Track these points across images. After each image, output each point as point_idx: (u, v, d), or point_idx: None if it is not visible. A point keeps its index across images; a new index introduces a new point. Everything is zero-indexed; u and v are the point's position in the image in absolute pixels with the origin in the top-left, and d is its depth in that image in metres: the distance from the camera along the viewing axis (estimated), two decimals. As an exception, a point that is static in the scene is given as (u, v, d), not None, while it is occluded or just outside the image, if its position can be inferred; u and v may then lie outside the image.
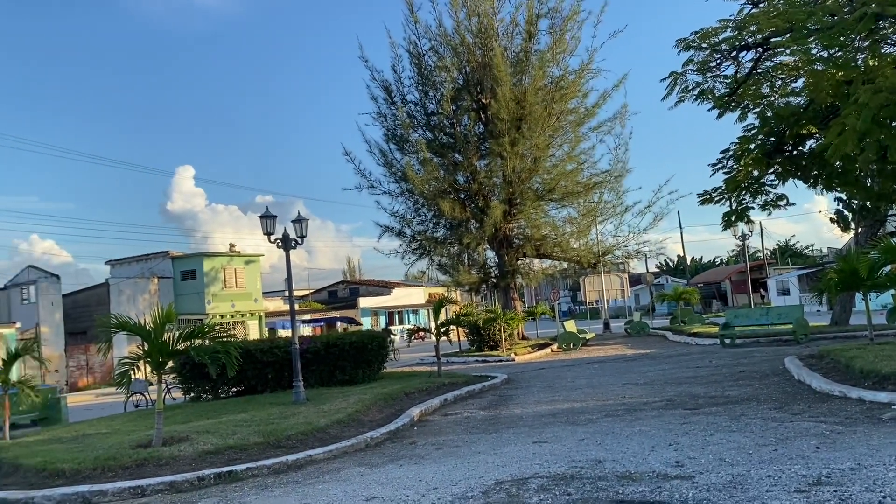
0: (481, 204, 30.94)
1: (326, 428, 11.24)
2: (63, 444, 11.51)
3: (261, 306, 41.90)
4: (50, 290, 32.98)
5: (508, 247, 31.87)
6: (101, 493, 8.28)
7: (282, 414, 12.74)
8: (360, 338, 18.56)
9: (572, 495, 6.46)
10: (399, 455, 9.55)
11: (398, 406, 13.77)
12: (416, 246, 32.90)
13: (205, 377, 16.80)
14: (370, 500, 7.03)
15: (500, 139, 28.79)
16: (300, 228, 16.60)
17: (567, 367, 21.19)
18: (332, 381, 17.74)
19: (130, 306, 34.18)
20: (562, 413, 12.03)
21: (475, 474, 7.77)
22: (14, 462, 10.11)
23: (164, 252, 39.81)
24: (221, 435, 10.74)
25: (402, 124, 31.11)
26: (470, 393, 16.08)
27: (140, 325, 10.89)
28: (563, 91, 30.26)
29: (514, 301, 32.80)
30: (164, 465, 9.25)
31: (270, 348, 18.00)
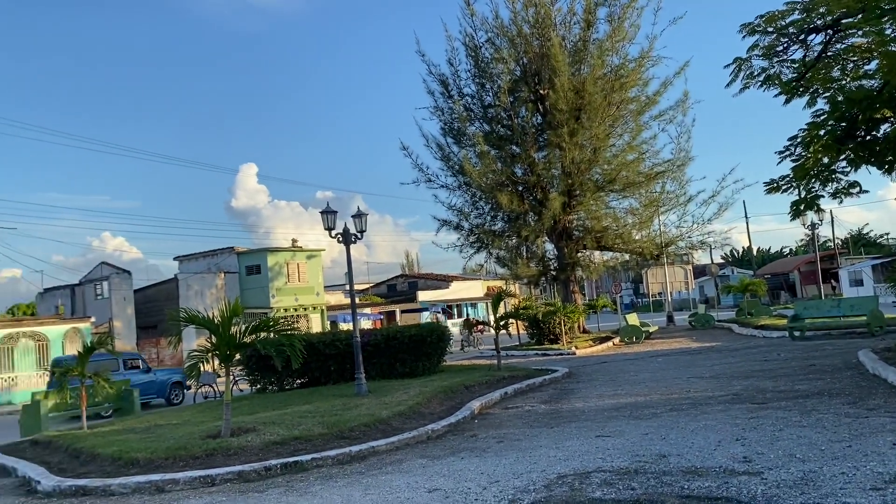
0: (540, 196, 30.71)
1: (388, 420, 11.36)
2: (136, 434, 11.95)
3: (322, 300, 42.60)
4: (122, 286, 34.23)
5: (568, 239, 31.56)
6: (173, 481, 8.57)
7: (344, 405, 12.94)
8: (419, 331, 18.69)
9: (636, 490, 6.38)
10: (460, 447, 9.59)
11: (458, 399, 13.81)
12: (474, 239, 32.89)
13: (270, 369, 17.22)
14: (433, 492, 7.08)
15: (559, 130, 28.51)
16: (360, 223, 16.80)
17: (630, 361, 20.89)
18: (393, 373, 17.93)
19: (198, 301, 35.22)
20: (625, 407, 11.87)
21: (537, 468, 7.74)
22: (92, 451, 10.56)
23: (229, 248, 40.84)
24: (287, 426, 10.97)
25: (459, 117, 31.11)
26: (530, 386, 16.02)
27: (208, 318, 11.21)
28: (622, 80, 29.74)
29: (575, 294, 32.49)
30: (232, 455, 9.51)
31: (332, 341, 18.30)
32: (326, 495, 7.41)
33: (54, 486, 8.96)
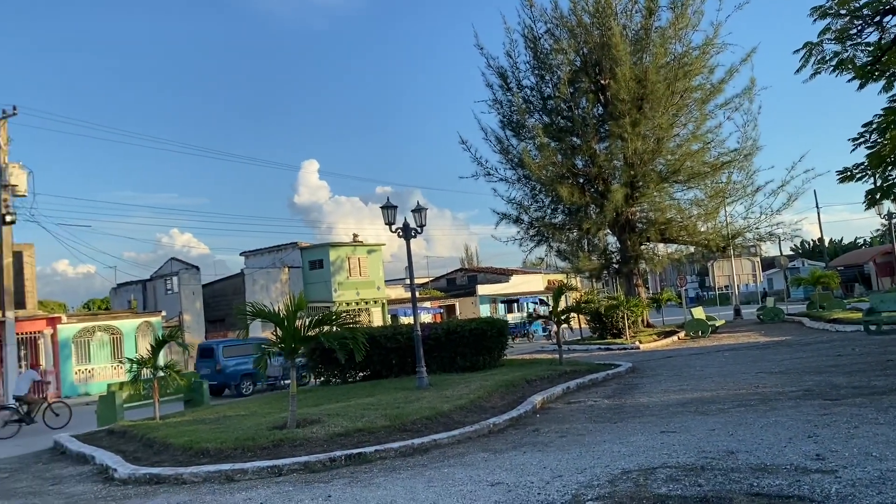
0: (601, 188, 30.29)
1: (450, 413, 11.41)
2: (206, 424, 12.31)
3: (383, 294, 43.02)
4: (191, 281, 35.26)
5: (631, 231, 31.05)
6: (241, 471, 8.80)
7: (406, 398, 13.05)
8: (479, 325, 18.68)
9: (703, 486, 6.24)
10: (522, 442, 9.56)
11: (520, 393, 13.76)
12: (534, 232, 32.68)
13: (333, 362, 17.51)
14: (495, 486, 7.08)
15: (621, 120, 28.05)
16: (419, 218, 16.87)
17: (695, 356, 20.45)
18: (453, 367, 17.98)
19: (264, 295, 36.01)
20: (690, 402, 11.63)
21: (600, 463, 7.65)
22: (164, 441, 10.93)
23: (293, 243, 41.62)
24: (350, 418, 11.13)
25: (518, 110, 30.92)
26: (593, 381, 15.84)
27: (274, 312, 11.45)
28: (686, 68, 29.03)
29: (638, 287, 31.97)
30: (298, 446, 9.70)
31: (394, 335, 18.47)
32: (390, 487, 7.49)
33: (130, 474, 9.31)
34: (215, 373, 23.15)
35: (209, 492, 8.16)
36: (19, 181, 26.11)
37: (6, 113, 26.27)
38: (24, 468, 11.28)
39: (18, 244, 27.60)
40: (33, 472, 10.87)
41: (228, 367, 23.37)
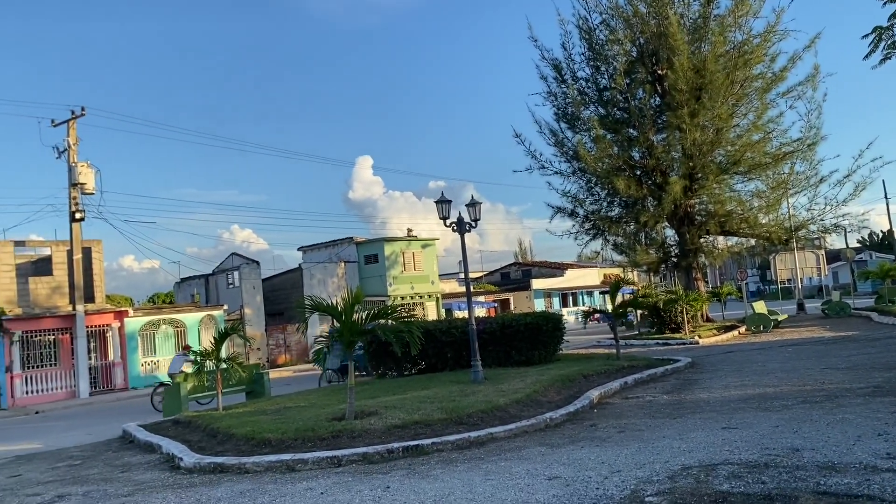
0: (659, 180, 29.76)
1: (506, 407, 11.41)
2: (267, 415, 12.60)
3: (437, 288, 43.20)
4: (251, 275, 36.03)
5: (690, 224, 30.43)
6: (302, 461, 8.98)
7: (462, 392, 13.10)
8: (535, 319, 18.61)
9: (767, 484, 6.11)
10: (579, 437, 9.50)
11: (576, 388, 13.67)
12: (590, 226, 32.32)
13: (390, 355, 17.69)
14: (552, 480, 7.06)
15: (679, 111, 27.49)
16: (473, 212, 16.88)
17: (757, 351, 19.97)
18: (508, 361, 17.95)
19: (321, 289, 36.57)
20: (753, 398, 11.37)
21: (660, 458, 7.56)
22: (227, 431, 11.23)
23: (349, 238, 42.12)
24: (407, 410, 11.24)
25: (573, 102, 30.58)
26: (651, 376, 15.63)
27: (332, 306, 11.64)
28: (746, 56, 28.23)
29: (697, 281, 31.32)
30: (356, 438, 9.85)
31: (449, 328, 18.54)
32: (447, 479, 7.54)
33: (195, 463, 9.60)
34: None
35: (271, 481, 8.36)
36: (88, 179, 27.09)
37: (75, 114, 27.28)
38: (96, 456, 11.74)
39: (87, 240, 28.65)
40: (104, 459, 11.31)
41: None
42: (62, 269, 28.13)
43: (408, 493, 7.07)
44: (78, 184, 26.88)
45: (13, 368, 25.02)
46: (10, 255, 27.18)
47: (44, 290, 27.94)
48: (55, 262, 28.39)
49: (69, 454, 12.16)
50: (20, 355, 25.55)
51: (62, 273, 28.10)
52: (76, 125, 27.38)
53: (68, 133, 27.20)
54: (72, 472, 10.28)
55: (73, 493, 8.73)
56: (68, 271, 27.59)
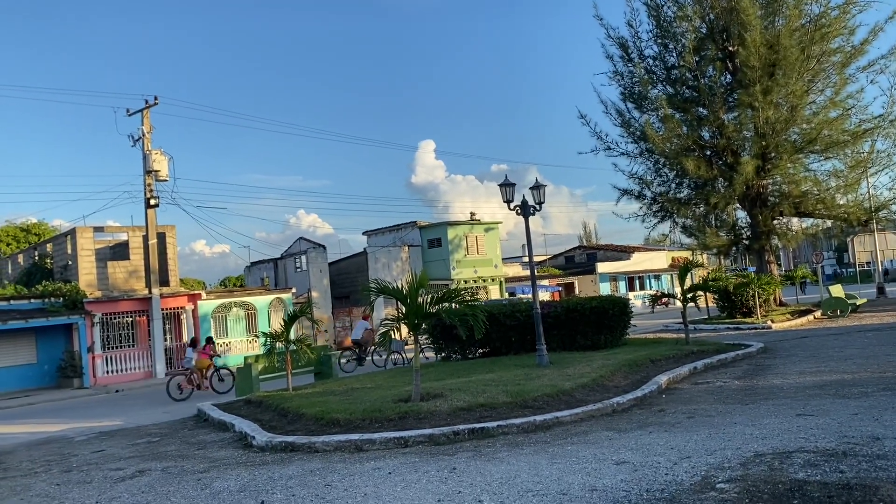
0: (730, 160, 28.87)
1: (571, 391, 11.32)
2: (336, 396, 12.84)
3: (501, 272, 43.10)
4: (318, 259, 36.69)
5: (762, 205, 29.46)
6: (370, 441, 9.13)
7: (527, 376, 13.06)
8: (600, 303, 18.38)
9: (846, 473, 5.89)
10: (647, 422, 9.36)
11: (644, 373, 13.47)
12: (658, 208, 31.64)
13: (454, 338, 17.76)
14: (620, 465, 6.98)
15: (751, 88, 26.55)
16: (538, 195, 16.74)
17: (834, 336, 19.26)
18: (574, 345, 17.80)
19: (385, 272, 36.98)
20: (829, 385, 10.98)
21: (731, 445, 7.38)
22: (297, 411, 11.50)
23: (412, 222, 42.40)
24: (472, 393, 11.27)
25: (640, 81, 29.88)
26: (722, 361, 15.27)
27: (398, 289, 11.75)
28: (823, 30, 27.01)
29: (770, 264, 30.35)
30: (422, 419, 9.95)
31: (513, 312, 18.48)
32: (513, 462, 7.54)
33: (267, 441, 9.87)
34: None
35: (340, 460, 8.52)
36: (161, 167, 27.99)
37: (148, 103, 28.17)
38: (173, 433, 12.20)
39: (162, 226, 29.66)
40: (180, 437, 11.74)
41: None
42: (138, 254, 29.23)
43: (474, 475, 7.10)
44: (152, 171, 27.80)
45: (94, 349, 26.21)
46: (89, 240, 28.37)
47: (121, 273, 29.09)
48: (132, 246, 29.51)
49: (148, 431, 12.68)
50: (101, 336, 26.73)
51: (138, 257, 29.20)
52: (150, 114, 28.28)
53: (142, 122, 28.13)
54: (151, 449, 10.71)
55: (153, 468, 9.10)
56: (144, 256, 28.65)
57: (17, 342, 25.59)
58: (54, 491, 8.22)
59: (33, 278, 30.68)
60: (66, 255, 29.31)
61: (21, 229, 49.62)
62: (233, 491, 7.40)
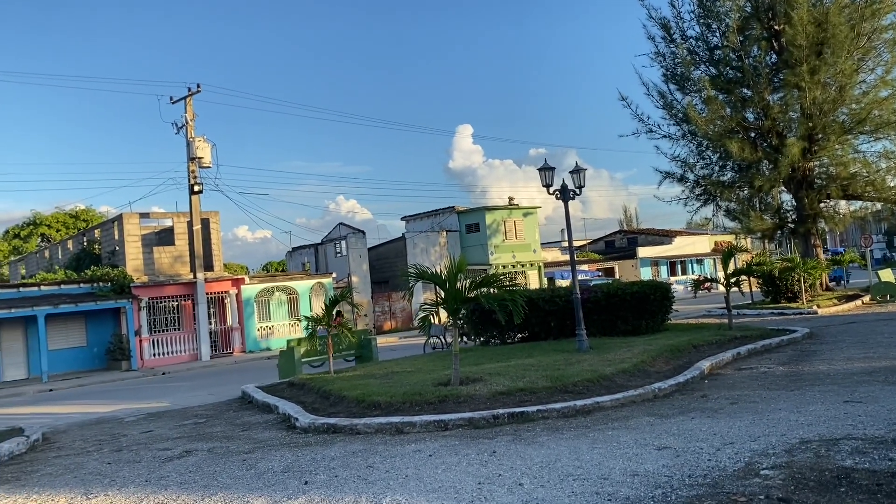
0: (775, 142, 28.21)
1: (612, 377, 11.27)
2: (376, 379, 12.98)
3: (539, 257, 42.90)
4: (357, 245, 36.99)
5: (808, 188, 28.76)
6: (410, 424, 9.22)
7: (566, 361, 13.02)
8: (641, 288, 18.20)
9: (895, 461, 5.78)
10: (689, 407, 9.28)
11: (685, 358, 13.32)
12: (700, 191, 31.09)
13: (493, 323, 17.77)
14: (662, 450, 6.94)
15: (797, 68, 25.86)
16: (578, 179, 16.58)
17: (883, 321, 18.79)
18: (614, 331, 17.68)
19: (424, 257, 37.10)
20: (879, 371, 10.73)
21: (776, 431, 7.29)
22: (339, 393, 11.66)
23: (450, 207, 42.39)
24: (511, 377, 11.30)
25: (683, 62, 29.31)
26: (766, 347, 15.02)
27: (436, 274, 11.80)
28: (874, 6, 26.12)
29: (816, 248, 29.66)
30: (462, 403, 10.01)
31: (552, 297, 18.42)
32: (553, 446, 7.55)
33: (310, 423, 10.04)
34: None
35: (381, 442, 8.63)
36: (204, 154, 28.45)
37: (191, 91, 28.61)
38: (218, 415, 12.48)
39: (205, 212, 30.20)
40: (226, 418, 12.00)
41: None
42: (183, 239, 29.82)
43: (514, 458, 7.14)
44: (195, 158, 28.27)
45: (142, 332, 26.89)
46: (136, 226, 29.01)
47: (167, 258, 29.71)
48: (177, 232, 30.11)
49: (194, 413, 12.98)
50: (147, 320, 27.40)
51: (183, 243, 29.79)
52: (192, 102, 28.72)
53: (185, 109, 28.59)
54: (197, 430, 10.98)
55: (199, 448, 9.33)
56: (189, 241, 29.22)
57: (69, 326, 26.37)
58: (106, 469, 8.49)
59: (82, 263, 31.53)
60: (114, 241, 30.04)
61: (70, 216, 50.96)
62: (277, 471, 7.56)
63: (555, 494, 5.80)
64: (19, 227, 51.71)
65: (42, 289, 26.35)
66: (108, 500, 7.02)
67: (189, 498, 6.79)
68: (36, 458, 9.74)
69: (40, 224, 50.68)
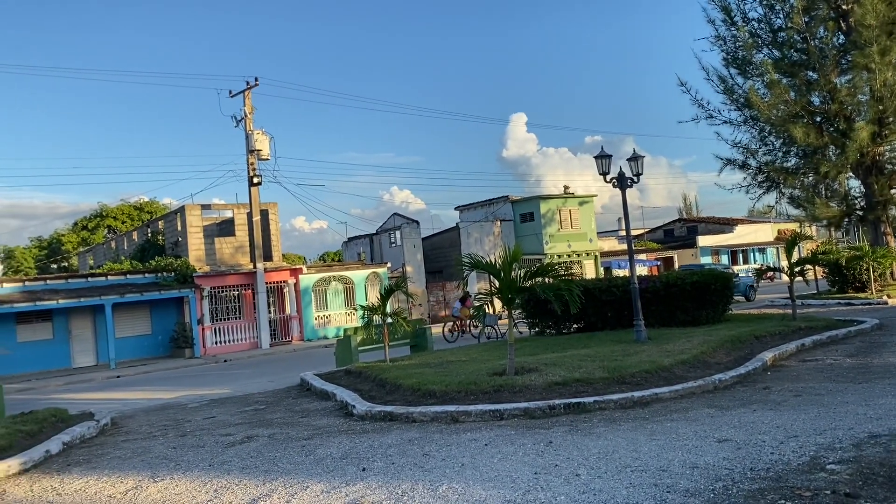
0: (842, 126, 27.19)
1: (670, 368, 11.08)
2: (431, 368, 13.04)
3: (595, 246, 42.41)
4: (412, 235, 37.21)
5: (878, 174, 27.66)
6: (465, 413, 9.24)
7: (624, 352, 12.86)
8: (701, 277, 17.82)
9: (973, 459, 5.53)
10: (751, 399, 9.06)
11: (747, 349, 13.01)
12: (763, 178, 30.23)
13: (548, 313, 17.66)
14: (723, 443, 6.80)
15: (867, 49, 24.82)
16: (635, 166, 16.30)
17: (958, 313, 17.99)
18: (673, 321, 17.37)
19: (478, 247, 37.10)
20: (954, 365, 10.28)
21: (843, 425, 7.06)
22: (395, 382, 11.76)
23: (504, 197, 42.23)
24: (568, 368, 11.21)
25: (744, 45, 28.46)
26: (832, 338, 14.55)
27: (491, 263, 11.77)
28: (950, -18, 24.88)
29: (886, 236, 28.53)
30: (517, 393, 9.98)
31: (608, 287, 18.19)
32: (611, 437, 7.47)
33: (367, 410, 10.16)
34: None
35: (437, 430, 8.68)
36: (263, 146, 28.98)
37: (249, 84, 29.16)
38: (278, 402, 12.73)
39: (264, 203, 30.78)
40: (285, 405, 12.24)
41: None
42: (243, 230, 30.49)
43: (570, 449, 7.09)
44: (254, 150, 28.83)
45: (204, 321, 27.64)
46: (198, 217, 29.79)
47: (228, 249, 30.44)
48: (237, 223, 30.82)
49: (255, 399, 13.29)
50: (209, 309, 28.14)
51: (243, 233, 30.47)
52: (251, 95, 29.27)
53: (244, 103, 29.16)
54: (258, 416, 11.23)
55: (260, 434, 9.55)
56: (248, 232, 29.86)
57: (134, 314, 27.29)
58: (171, 454, 8.76)
59: (147, 254, 32.56)
60: (177, 232, 30.91)
61: (135, 208, 52.66)
62: (335, 458, 7.68)
63: (612, 485, 5.75)
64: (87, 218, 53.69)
65: (109, 279, 27.35)
66: (173, 483, 7.25)
67: (251, 482, 6.96)
68: (105, 441, 10.12)
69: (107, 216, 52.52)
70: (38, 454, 8.95)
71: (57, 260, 51.20)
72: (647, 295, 17.22)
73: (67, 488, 7.46)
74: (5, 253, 54.15)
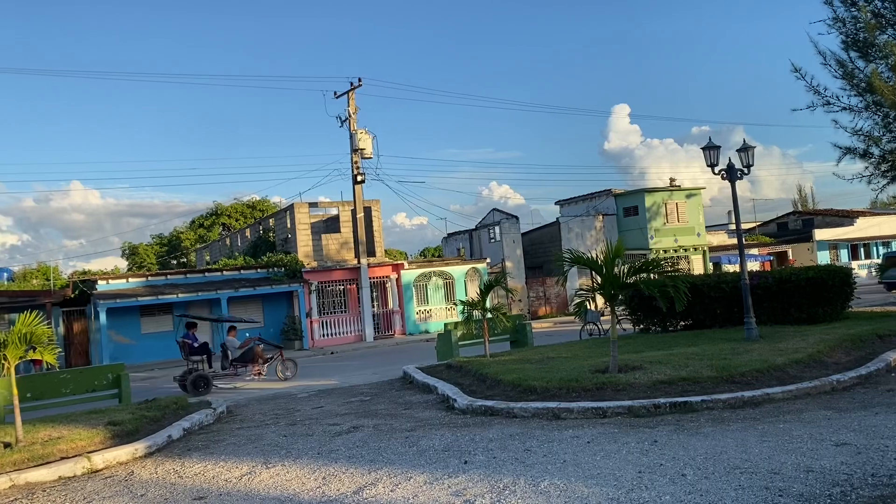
0: (978, 110, 25.09)
1: (784, 367, 10.60)
2: (532, 364, 13.02)
3: (704, 240, 40.97)
4: (511, 230, 37.14)
5: None
6: (567, 410, 9.19)
7: (733, 350, 12.41)
8: (818, 273, 16.92)
9: None
10: (873, 402, 8.56)
11: (869, 349, 12.26)
12: (887, 167, 28.19)
13: (653, 310, 17.26)
14: (840, 447, 6.47)
15: None
16: (746, 157, 15.69)
17: None
18: (786, 318, 16.58)
19: (579, 242, 36.62)
20: None
21: (978, 433, 6.57)
22: (495, 377, 11.82)
23: (606, 190, 41.45)
24: (674, 366, 10.93)
25: (866, 26, 26.62)
26: (967, 338, 13.48)
27: (592, 259, 11.63)
28: None
29: None
30: (621, 391, 9.83)
31: (717, 283, 17.57)
32: (719, 437, 7.25)
33: (468, 405, 10.28)
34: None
35: (538, 427, 8.68)
36: (366, 145, 29.70)
37: (353, 85, 29.91)
38: (382, 394, 13.07)
39: (367, 200, 31.55)
40: (388, 397, 12.55)
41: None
42: (348, 227, 31.39)
43: (676, 448, 6.93)
44: (358, 149, 29.58)
45: (312, 314, 28.67)
46: (306, 215, 30.91)
47: (333, 245, 31.43)
48: (342, 220, 31.76)
49: (360, 391, 13.68)
50: (317, 303, 29.15)
51: (348, 230, 31.36)
52: (354, 96, 30.03)
53: (348, 103, 29.95)
54: (363, 407, 11.57)
55: (365, 425, 9.84)
56: (353, 228, 30.71)
57: (248, 307, 28.60)
58: (282, 441, 9.17)
59: (259, 250, 34.08)
60: (286, 229, 32.17)
61: (248, 206, 55.09)
62: (438, 450, 7.82)
63: (720, 487, 5.59)
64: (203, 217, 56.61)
65: (224, 274, 28.84)
66: (284, 469, 7.59)
67: (357, 471, 7.20)
68: (221, 428, 10.70)
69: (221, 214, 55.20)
70: (161, 439, 9.59)
71: (176, 256, 54.37)
72: (759, 291, 16.53)
73: (188, 471, 7.95)
74: (130, 249, 57.85)
